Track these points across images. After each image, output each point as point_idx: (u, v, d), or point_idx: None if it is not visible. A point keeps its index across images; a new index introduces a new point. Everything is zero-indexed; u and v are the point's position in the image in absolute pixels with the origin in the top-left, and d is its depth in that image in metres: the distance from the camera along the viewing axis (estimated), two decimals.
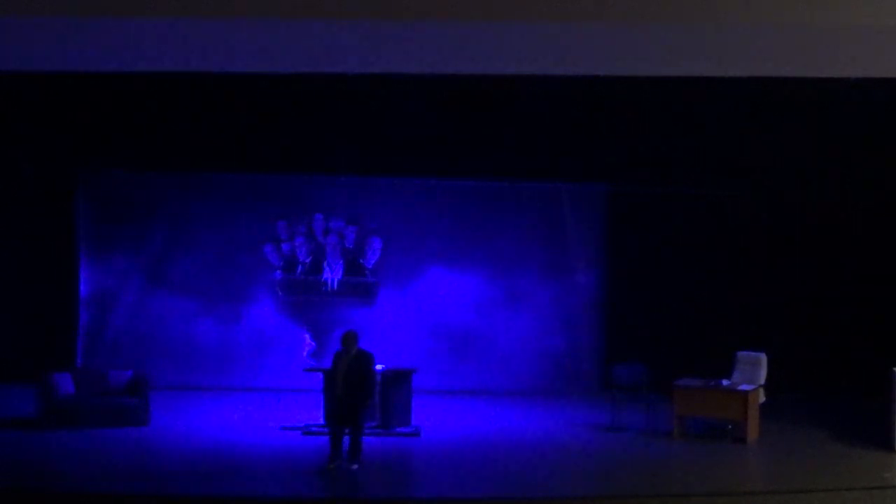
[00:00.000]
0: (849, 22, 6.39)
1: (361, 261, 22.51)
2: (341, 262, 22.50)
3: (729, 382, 17.88)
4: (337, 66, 8.75)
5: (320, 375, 18.52)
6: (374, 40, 7.39)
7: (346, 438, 15.38)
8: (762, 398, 18.00)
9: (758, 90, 18.52)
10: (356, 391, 15.43)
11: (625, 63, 7.95)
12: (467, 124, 21.22)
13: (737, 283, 21.95)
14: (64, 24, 6.64)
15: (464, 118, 21.13)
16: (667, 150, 21.38)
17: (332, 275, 22.54)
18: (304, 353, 22.02)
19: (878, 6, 6.36)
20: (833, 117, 20.61)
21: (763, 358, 18.30)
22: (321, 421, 17.87)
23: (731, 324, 21.09)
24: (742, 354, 18.48)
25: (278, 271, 22.53)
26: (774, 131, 20.99)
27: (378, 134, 21.26)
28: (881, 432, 16.87)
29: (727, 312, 21.57)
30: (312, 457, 15.79)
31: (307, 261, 22.54)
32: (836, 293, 21.77)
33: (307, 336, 22.30)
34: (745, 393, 17.41)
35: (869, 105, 19.57)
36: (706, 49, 7.36)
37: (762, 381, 18.12)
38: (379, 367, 17.93)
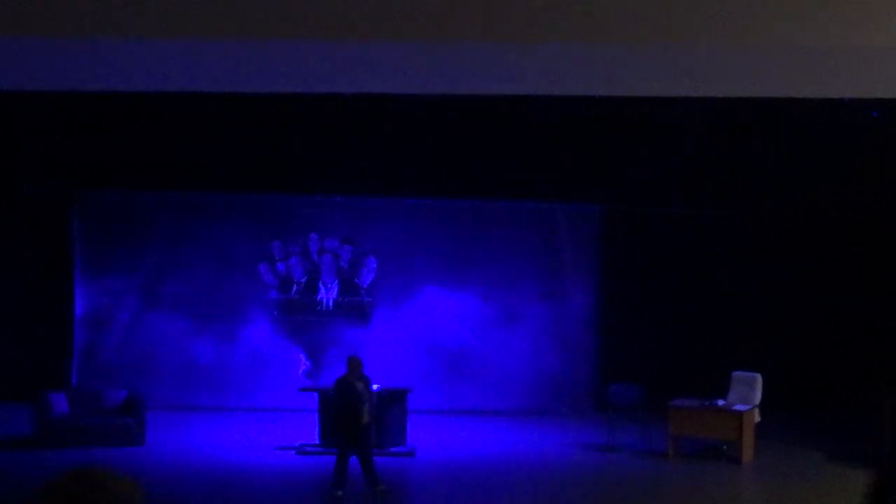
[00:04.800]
0: (842, 43, 6.42)
1: (356, 280, 22.52)
2: (336, 281, 22.52)
3: (724, 402, 17.89)
4: (333, 87, 8.78)
5: (315, 395, 18.52)
6: (370, 60, 7.41)
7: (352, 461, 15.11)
8: (757, 418, 18.00)
9: (753, 110, 18.60)
10: (374, 414, 15.41)
11: (620, 83, 7.98)
12: (462, 144, 21.28)
13: (732, 303, 21.97)
14: (60, 44, 6.67)
15: (459, 138, 21.18)
16: (661, 170, 21.44)
17: (328, 294, 22.55)
18: (300, 373, 22.02)
19: (871, 27, 6.41)
20: (829, 137, 20.65)
21: (758, 378, 18.31)
22: (316, 440, 17.86)
23: (727, 344, 21.11)
24: (737, 374, 18.50)
25: (273, 291, 22.54)
26: (768, 151, 21.06)
27: (373, 154, 21.31)
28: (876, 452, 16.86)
29: (722, 332, 21.58)
30: (307, 477, 15.78)
31: (302, 280, 22.55)
32: (831, 313, 21.80)
33: (302, 356, 22.29)
34: (741, 413, 17.41)
35: (863, 124, 19.63)
36: (701, 69, 7.39)
37: (757, 401, 18.13)
38: (375, 386, 17.93)
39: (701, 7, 6.50)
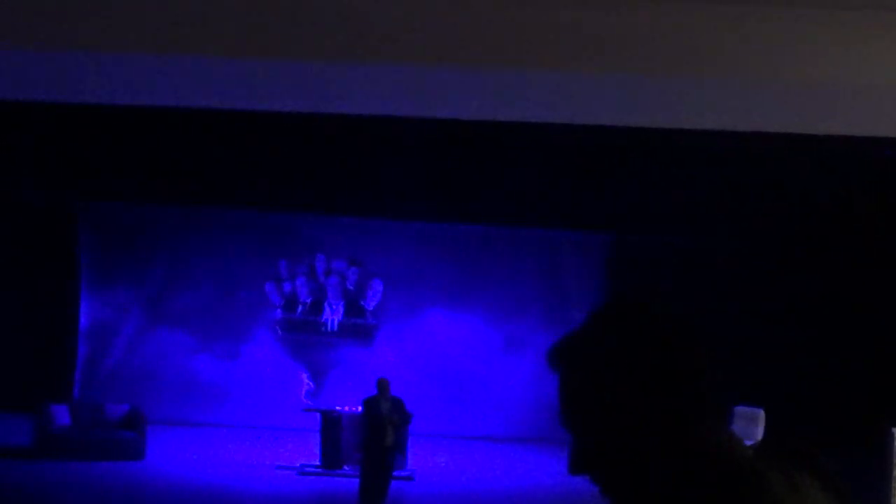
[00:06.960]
0: (849, 81, 6.41)
1: (362, 302, 22.50)
2: (342, 302, 22.50)
3: None
4: (342, 108, 8.79)
5: (317, 416, 18.46)
6: (381, 82, 7.42)
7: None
8: None
9: (762, 144, 18.55)
10: (398, 435, 15.35)
11: (627, 113, 7.98)
12: (470, 170, 21.23)
13: (735, 336, 21.87)
14: (65, 56, 6.68)
15: (467, 164, 21.13)
16: (667, 200, 21.38)
17: (333, 315, 22.52)
18: (302, 393, 21.98)
19: (874, 65, 6.41)
20: (831, 171, 20.58)
21: (761, 414, 18.21)
22: (317, 462, 17.79)
23: (729, 378, 20.96)
24: (740, 410, 18.38)
25: (278, 310, 22.52)
26: (778, 183, 21.00)
27: (382, 176, 21.26)
28: (879, 492, 16.77)
29: (725, 366, 21.43)
30: (306, 498, 15.71)
31: (308, 301, 22.53)
32: (835, 349, 21.72)
33: (305, 376, 22.25)
34: None
35: (861, 159, 19.60)
36: (708, 101, 7.39)
37: (760, 436, 18.01)
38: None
39: (714, 41, 6.50)
